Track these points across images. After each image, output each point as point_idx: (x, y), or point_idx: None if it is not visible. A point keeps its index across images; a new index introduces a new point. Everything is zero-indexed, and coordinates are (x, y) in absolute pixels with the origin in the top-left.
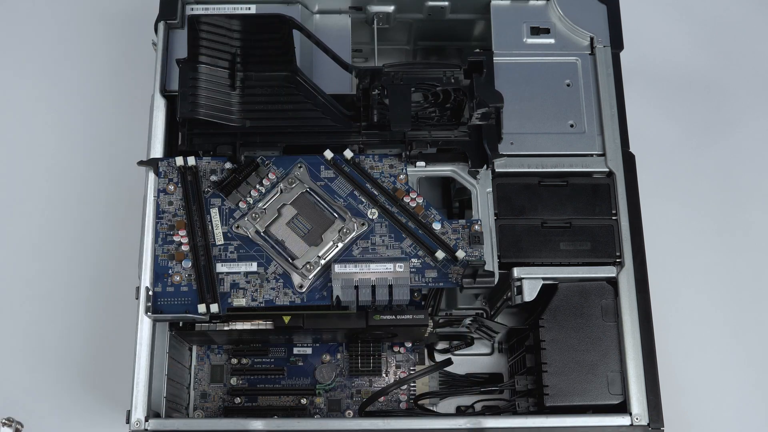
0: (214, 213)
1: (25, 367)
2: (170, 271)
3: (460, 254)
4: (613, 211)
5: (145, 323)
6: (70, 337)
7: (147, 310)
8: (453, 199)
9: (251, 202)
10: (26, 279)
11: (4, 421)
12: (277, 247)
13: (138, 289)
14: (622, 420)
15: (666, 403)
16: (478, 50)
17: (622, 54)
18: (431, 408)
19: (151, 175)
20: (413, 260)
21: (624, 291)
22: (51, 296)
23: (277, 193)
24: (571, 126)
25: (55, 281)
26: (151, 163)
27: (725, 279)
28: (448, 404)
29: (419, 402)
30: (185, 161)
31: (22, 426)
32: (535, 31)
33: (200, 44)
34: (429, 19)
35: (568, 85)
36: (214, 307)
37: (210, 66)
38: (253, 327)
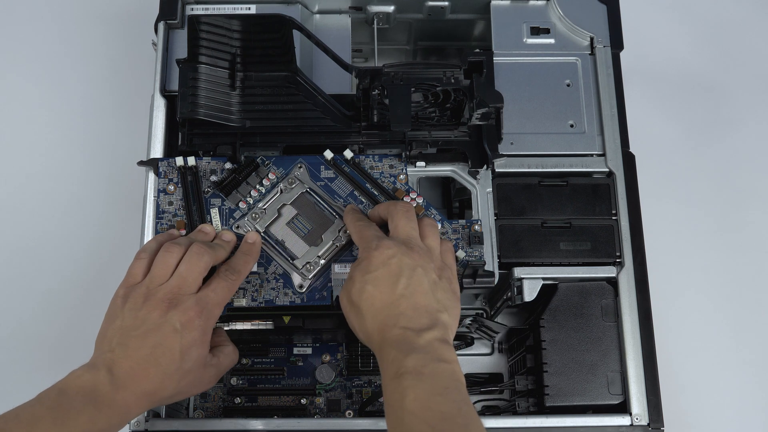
0: (214, 213)
1: (24, 367)
2: None
3: (460, 254)
4: (613, 211)
5: None
6: (70, 337)
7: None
8: (453, 199)
9: (251, 202)
10: (26, 279)
11: None
12: (277, 247)
13: None
14: (622, 420)
15: (666, 403)
16: (478, 50)
17: (622, 54)
18: None
19: (151, 175)
20: None
21: (624, 291)
22: (51, 296)
23: (277, 193)
24: (571, 126)
25: (55, 281)
26: (151, 163)
27: (725, 279)
28: None
29: None
30: (185, 161)
31: None
32: (535, 31)
33: (200, 44)
34: (429, 19)
35: (568, 85)
36: None
37: (210, 66)
38: (253, 327)
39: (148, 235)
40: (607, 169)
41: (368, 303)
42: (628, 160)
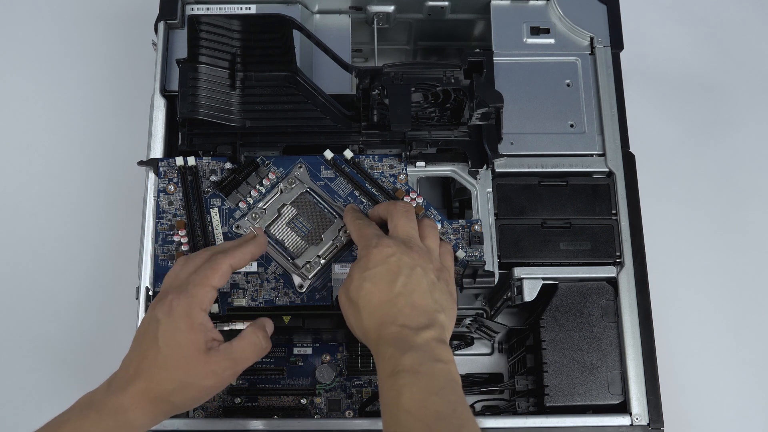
0: (214, 213)
1: (24, 367)
2: None
3: (460, 254)
4: (613, 211)
5: None
6: (70, 337)
7: (147, 309)
8: (453, 199)
9: (251, 202)
10: (26, 279)
11: None
12: (277, 247)
13: (138, 289)
14: (622, 420)
15: (666, 403)
16: (478, 50)
17: (622, 54)
18: None
19: (151, 175)
20: None
21: (624, 291)
22: (51, 296)
23: (277, 193)
24: (571, 126)
25: (54, 281)
26: (151, 163)
27: (725, 279)
28: None
29: None
30: (185, 161)
31: None
32: (535, 31)
33: (200, 44)
34: (429, 19)
35: (568, 85)
36: (214, 307)
37: (210, 66)
38: None
39: (148, 235)
40: (607, 169)
41: (366, 300)
42: (628, 160)
